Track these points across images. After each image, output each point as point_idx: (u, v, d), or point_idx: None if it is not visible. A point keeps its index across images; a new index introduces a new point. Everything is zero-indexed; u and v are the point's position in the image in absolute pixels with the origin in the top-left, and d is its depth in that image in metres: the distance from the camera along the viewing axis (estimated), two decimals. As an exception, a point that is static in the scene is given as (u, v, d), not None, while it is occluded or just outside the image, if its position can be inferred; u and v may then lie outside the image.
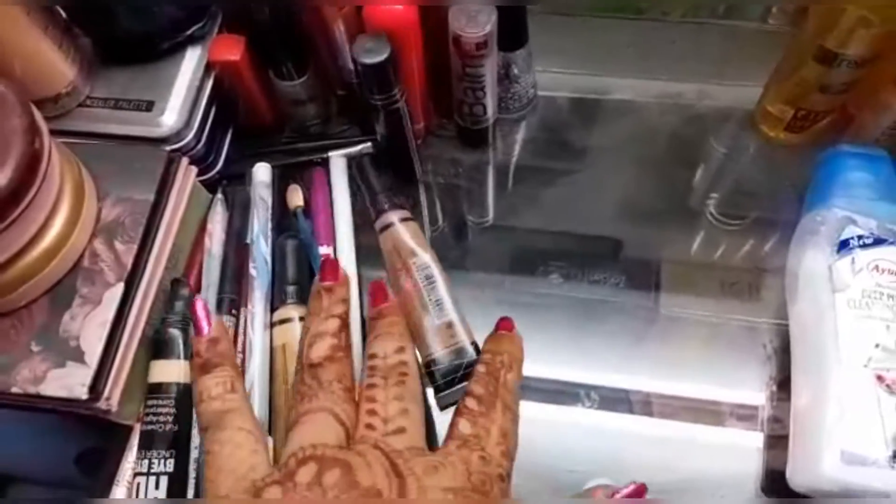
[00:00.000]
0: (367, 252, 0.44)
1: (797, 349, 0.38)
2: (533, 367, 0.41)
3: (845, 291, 0.36)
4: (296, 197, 0.45)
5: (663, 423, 0.39)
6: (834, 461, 0.32)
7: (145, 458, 0.35)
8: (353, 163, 0.46)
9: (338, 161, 0.47)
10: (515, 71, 0.46)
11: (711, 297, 0.43)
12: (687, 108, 0.50)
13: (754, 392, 0.39)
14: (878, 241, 0.36)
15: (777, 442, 0.37)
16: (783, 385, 0.39)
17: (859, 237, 0.37)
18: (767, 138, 0.47)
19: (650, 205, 0.47)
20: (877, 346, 0.34)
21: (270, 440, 0.36)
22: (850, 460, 0.32)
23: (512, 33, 0.43)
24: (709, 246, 0.45)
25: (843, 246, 0.37)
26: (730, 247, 0.45)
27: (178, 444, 0.36)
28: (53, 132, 0.36)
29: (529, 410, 0.40)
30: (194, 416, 0.36)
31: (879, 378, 0.33)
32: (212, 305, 0.40)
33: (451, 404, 0.38)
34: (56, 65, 0.40)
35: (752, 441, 0.38)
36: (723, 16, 0.52)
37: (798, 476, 0.34)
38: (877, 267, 0.36)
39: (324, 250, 0.43)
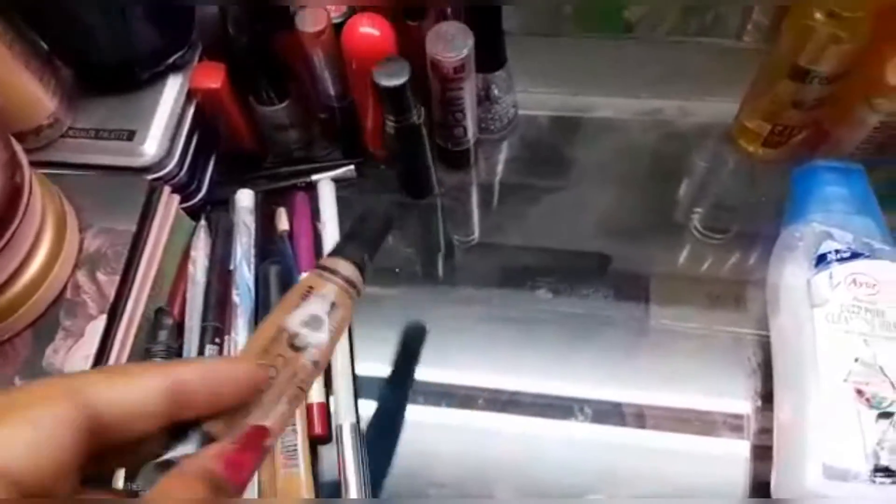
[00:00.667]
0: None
1: (778, 363, 0.38)
2: (525, 382, 0.41)
3: (824, 306, 0.36)
4: (282, 221, 0.45)
5: (655, 435, 0.39)
6: (816, 475, 0.32)
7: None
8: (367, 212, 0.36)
9: (326, 186, 0.47)
10: (496, 92, 0.46)
11: (699, 308, 0.43)
12: (667, 124, 0.50)
13: (743, 402, 0.40)
14: (855, 255, 0.37)
15: (764, 453, 0.37)
16: (768, 397, 0.39)
17: (837, 251, 0.37)
18: (746, 153, 0.47)
19: (636, 220, 0.47)
20: (856, 360, 0.34)
21: None
22: (832, 475, 0.32)
23: (490, 55, 0.44)
24: (695, 259, 0.45)
25: (821, 260, 0.37)
26: (715, 260, 0.45)
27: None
28: (35, 164, 0.37)
29: (522, 425, 0.40)
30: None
31: (859, 392, 0.34)
32: (195, 334, 0.40)
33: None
34: (37, 97, 0.40)
35: (741, 451, 0.38)
36: (698, 33, 0.53)
37: (782, 490, 0.35)
38: (854, 280, 0.36)
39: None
